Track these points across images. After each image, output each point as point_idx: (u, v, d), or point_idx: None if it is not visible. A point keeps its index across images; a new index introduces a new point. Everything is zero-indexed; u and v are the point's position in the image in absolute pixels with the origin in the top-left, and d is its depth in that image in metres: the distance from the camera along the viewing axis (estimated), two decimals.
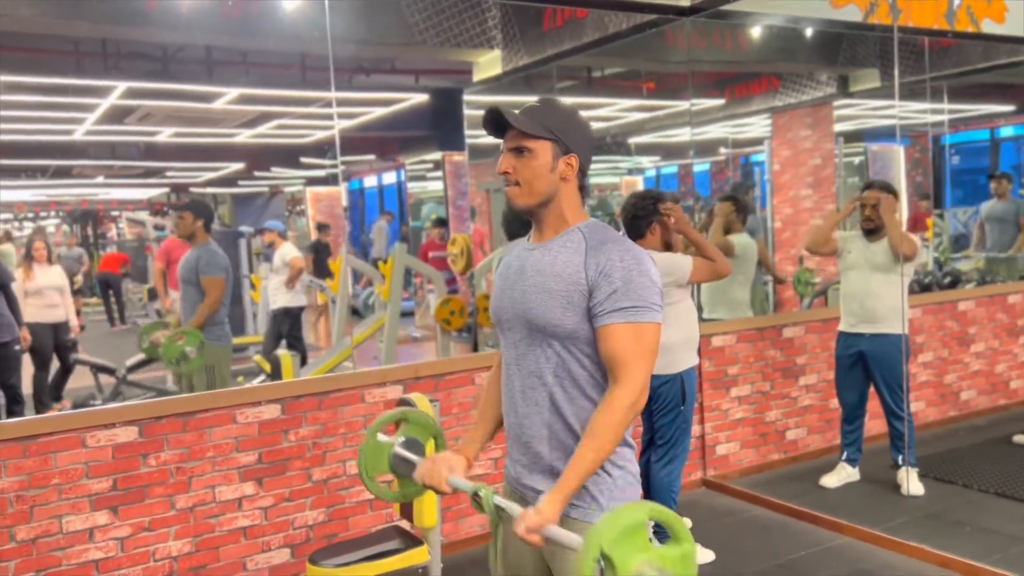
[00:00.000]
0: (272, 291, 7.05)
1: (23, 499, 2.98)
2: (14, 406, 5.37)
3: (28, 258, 6.10)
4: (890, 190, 4.13)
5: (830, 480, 4.36)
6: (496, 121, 1.72)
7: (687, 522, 3.85)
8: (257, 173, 12.81)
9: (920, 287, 5.91)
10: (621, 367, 1.64)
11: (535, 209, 1.75)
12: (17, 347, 5.48)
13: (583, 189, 1.78)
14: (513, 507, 1.65)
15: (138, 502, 3.17)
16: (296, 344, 6.90)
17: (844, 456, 4.41)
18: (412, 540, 2.88)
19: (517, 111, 1.75)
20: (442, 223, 9.02)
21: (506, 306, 1.80)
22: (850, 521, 3.84)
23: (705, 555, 3.61)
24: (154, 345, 4.65)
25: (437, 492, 1.81)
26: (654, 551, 1.40)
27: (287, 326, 6.93)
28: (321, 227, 10.15)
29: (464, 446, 1.92)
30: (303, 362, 6.45)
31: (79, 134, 8.67)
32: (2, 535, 2.96)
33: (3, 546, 2.95)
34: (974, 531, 3.74)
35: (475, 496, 1.73)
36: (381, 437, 1.98)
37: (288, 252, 6.92)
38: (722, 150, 9.24)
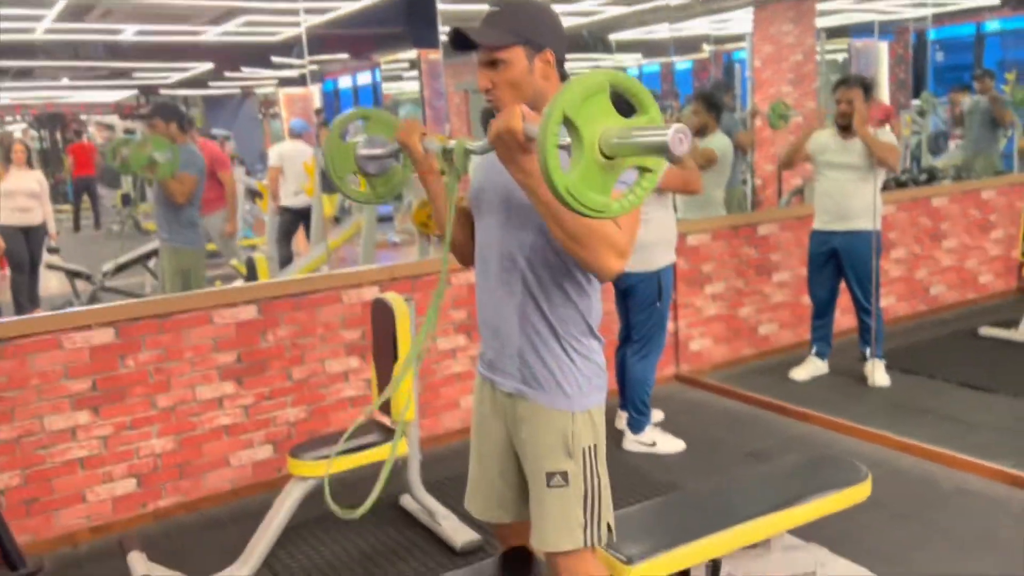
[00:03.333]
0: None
1: (3, 400, 3.01)
2: None
3: (6, 160, 5.95)
4: (865, 85, 4.09)
5: (799, 373, 4.48)
6: (463, 40, 1.66)
7: (659, 414, 4.00)
8: (228, 74, 12.43)
9: (896, 184, 5.92)
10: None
11: None
12: None
13: (563, 78, 1.73)
14: (484, 143, 1.56)
15: (118, 402, 3.22)
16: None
17: (814, 350, 4.52)
18: (391, 433, 2.94)
19: (484, 18, 1.68)
20: None
21: (487, 187, 1.78)
22: (817, 411, 3.97)
23: (676, 444, 3.74)
24: (123, 161, 4.51)
25: (410, 150, 1.76)
26: (620, 118, 1.32)
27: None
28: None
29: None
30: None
31: (39, 33, 8.32)
32: None
33: None
34: (936, 419, 3.87)
35: (446, 152, 1.66)
36: (344, 140, 1.92)
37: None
38: (705, 47, 9.01)
